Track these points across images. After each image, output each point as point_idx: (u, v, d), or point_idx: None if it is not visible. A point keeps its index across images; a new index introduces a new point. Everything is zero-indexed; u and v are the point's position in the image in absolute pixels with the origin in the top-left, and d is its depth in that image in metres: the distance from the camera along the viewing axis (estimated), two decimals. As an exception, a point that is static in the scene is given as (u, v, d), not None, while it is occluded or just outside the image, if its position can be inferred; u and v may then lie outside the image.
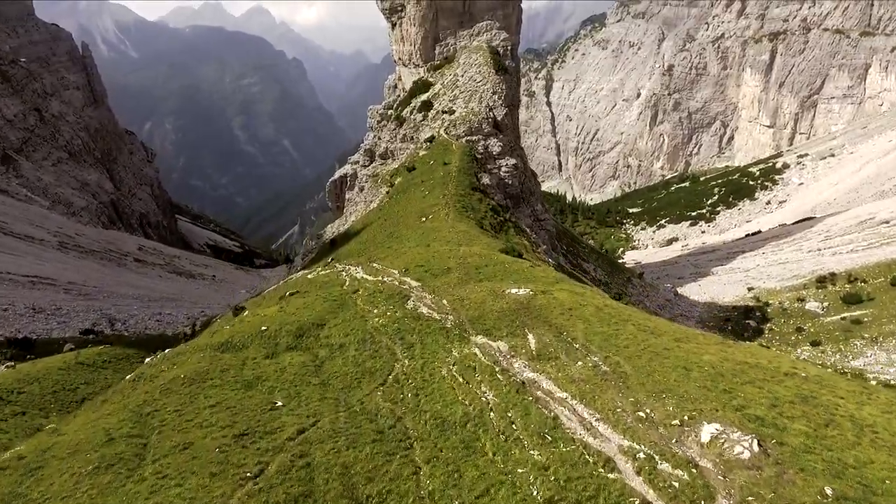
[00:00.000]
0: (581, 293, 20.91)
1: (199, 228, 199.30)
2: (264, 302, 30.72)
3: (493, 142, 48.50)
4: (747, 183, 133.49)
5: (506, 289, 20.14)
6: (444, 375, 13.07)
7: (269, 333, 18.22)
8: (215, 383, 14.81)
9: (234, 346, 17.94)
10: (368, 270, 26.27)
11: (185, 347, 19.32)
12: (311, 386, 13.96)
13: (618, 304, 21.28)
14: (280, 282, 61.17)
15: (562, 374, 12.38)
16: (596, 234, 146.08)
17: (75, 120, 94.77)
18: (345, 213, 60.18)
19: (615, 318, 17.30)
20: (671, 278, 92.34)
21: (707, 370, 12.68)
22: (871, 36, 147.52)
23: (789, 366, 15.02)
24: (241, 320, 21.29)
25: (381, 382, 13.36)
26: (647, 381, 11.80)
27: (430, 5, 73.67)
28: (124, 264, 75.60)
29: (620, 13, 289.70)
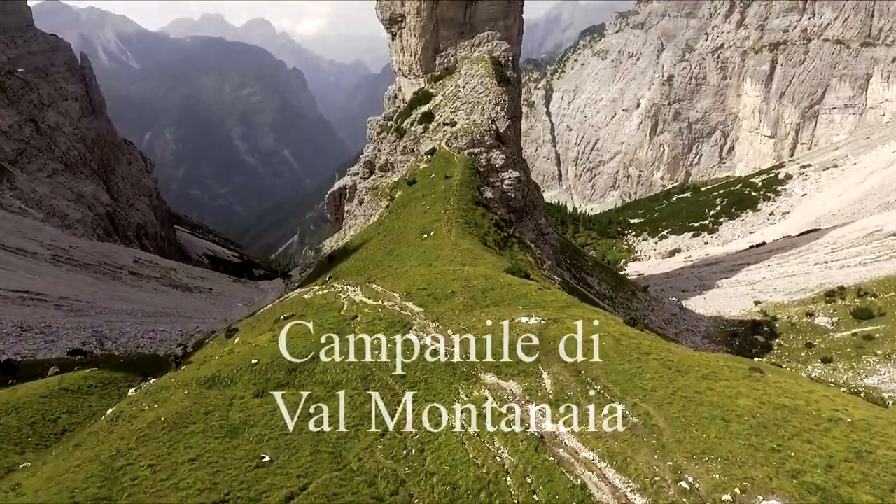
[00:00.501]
0: (595, 321, 19.53)
1: (198, 239, 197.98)
2: (258, 324, 29.31)
3: (496, 154, 47.35)
4: (750, 194, 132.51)
5: (515, 316, 18.77)
6: (451, 425, 11.66)
7: (259, 367, 16.81)
8: (198, 429, 13.38)
9: (222, 382, 16.53)
10: (368, 293, 24.91)
11: (170, 381, 17.91)
12: (303, 434, 12.53)
13: (635, 332, 19.88)
14: (276, 299, 59.75)
15: (585, 426, 10.99)
16: (597, 245, 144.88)
17: (72, 131, 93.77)
18: (344, 227, 58.91)
19: (635, 351, 15.91)
20: (675, 291, 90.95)
21: (748, 421, 11.29)
22: (872, 46, 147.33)
23: (830, 408, 13.64)
24: (230, 350, 19.86)
25: (382, 432, 11.95)
26: (684, 437, 10.41)
27: (431, 16, 72.95)
28: (119, 277, 74.18)
29: (619, 24, 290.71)
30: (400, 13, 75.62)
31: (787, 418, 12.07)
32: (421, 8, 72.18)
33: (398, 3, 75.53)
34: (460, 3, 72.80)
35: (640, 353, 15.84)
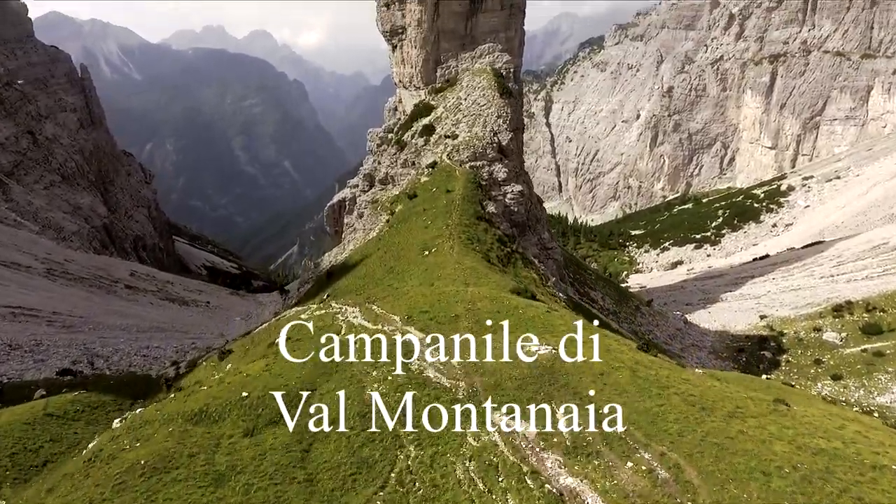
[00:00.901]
0: (608, 348, 18.41)
1: (197, 250, 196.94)
2: (252, 346, 28.15)
3: (498, 167, 46.45)
4: (752, 205, 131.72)
5: (524, 345, 17.61)
6: (459, 478, 10.52)
7: (250, 401, 15.65)
8: (180, 475, 12.21)
9: (210, 417, 15.36)
10: (367, 314, 23.79)
11: (155, 414, 16.72)
12: (294, 484, 11.37)
13: (650, 359, 18.72)
14: (273, 316, 58.53)
15: (609, 481, 9.85)
16: (599, 257, 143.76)
17: (70, 142, 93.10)
18: (343, 241, 57.87)
19: (654, 384, 14.76)
20: (679, 304, 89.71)
21: (789, 474, 10.14)
22: (872, 58, 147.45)
23: (869, 450, 12.49)
24: (220, 380, 18.66)
25: (382, 484, 10.80)
26: (722, 497, 9.26)
27: (432, 28, 72.50)
28: (114, 291, 72.99)
29: (618, 36, 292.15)
30: (401, 25, 75.21)
31: (829, 468, 10.92)
32: (422, 20, 71.75)
33: (399, 14, 75.15)
34: (461, 15, 72.40)
35: (660, 386, 14.71)
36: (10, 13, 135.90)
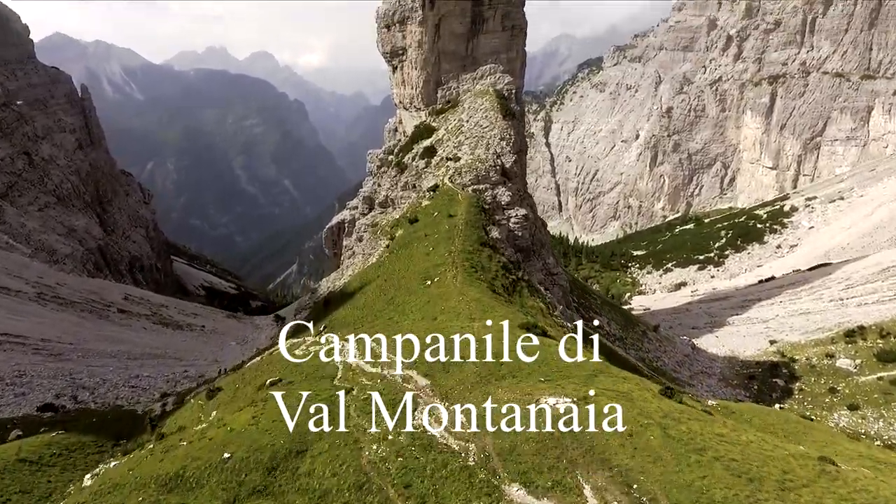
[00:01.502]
0: (631, 397, 16.69)
1: (196, 270, 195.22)
2: (241, 386, 26.32)
3: (502, 191, 45.10)
4: (755, 226, 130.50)
5: (538, 395, 15.87)
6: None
7: (232, 465, 13.85)
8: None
9: (186, 483, 13.56)
10: (365, 355, 22.04)
11: (128, 476, 14.88)
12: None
13: (678, 410, 16.98)
14: (269, 340, 56.63)
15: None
16: (601, 278, 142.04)
17: (66, 163, 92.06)
18: (342, 265, 56.25)
19: (690, 448, 13.02)
20: (685, 328, 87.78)
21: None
22: (872, 79, 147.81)
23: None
24: (201, 434, 16.83)
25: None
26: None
27: (433, 49, 71.98)
28: (106, 316, 71.06)
29: (617, 57, 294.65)
30: (401, 46, 74.73)
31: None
32: (422, 41, 71.25)
33: (399, 36, 74.73)
34: (462, 37, 71.96)
35: (696, 449, 12.98)
36: (12, 34, 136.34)
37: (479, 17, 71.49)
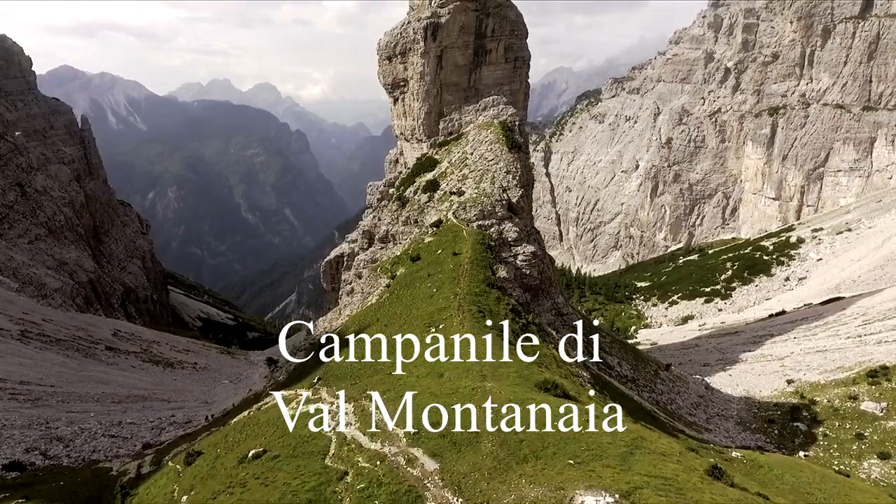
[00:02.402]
0: (679, 487, 13.97)
1: (192, 301, 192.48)
2: (224, 451, 23.39)
3: (509, 226, 42.90)
4: (761, 258, 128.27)
5: (571, 489, 13.14)
6: None
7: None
8: None
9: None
10: (363, 422, 19.29)
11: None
12: None
13: (735, 498, 14.28)
14: (264, 380, 53.57)
15: None
16: (605, 311, 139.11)
17: (60, 195, 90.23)
18: (340, 304, 53.60)
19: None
20: (695, 365, 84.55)
21: None
22: (874, 111, 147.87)
23: None
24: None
25: None
26: None
27: (435, 81, 70.97)
28: (93, 354, 67.95)
29: (615, 89, 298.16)
30: (402, 78, 73.79)
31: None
32: (424, 73, 70.29)
33: (400, 67, 73.87)
34: (465, 68, 71.05)
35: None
36: (14, 67, 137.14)
37: (481, 49, 70.73)
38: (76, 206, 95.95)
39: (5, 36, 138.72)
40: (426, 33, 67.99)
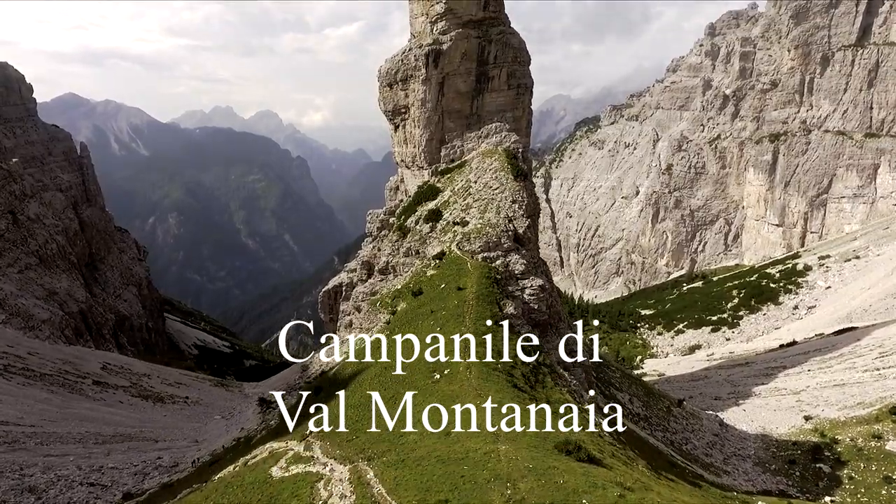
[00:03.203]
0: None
1: (189, 328, 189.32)
2: (207, 501, 20.87)
3: (515, 258, 40.78)
4: (768, 285, 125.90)
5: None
6: None
7: None
8: None
9: None
10: (360, 495, 16.78)
11: None
12: None
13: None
14: (256, 419, 50.66)
15: None
16: (609, 340, 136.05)
17: (53, 222, 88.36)
18: (339, 334, 51.06)
19: None
20: (706, 398, 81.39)
21: None
22: (877, 137, 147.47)
23: None
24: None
25: None
26: None
27: (436, 107, 69.81)
28: (79, 389, 64.98)
29: (613, 116, 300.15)
30: (403, 105, 72.68)
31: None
32: (426, 99, 69.18)
33: (401, 94, 72.83)
34: (467, 95, 69.97)
35: None
36: (14, 94, 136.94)
37: (483, 76, 69.76)
38: (70, 234, 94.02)
39: (7, 64, 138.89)
40: (427, 60, 67.08)
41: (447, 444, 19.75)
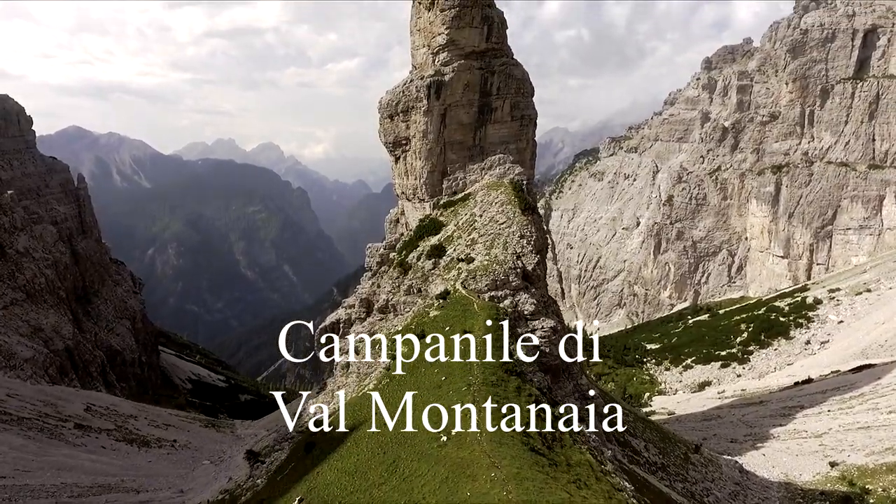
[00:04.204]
0: None
1: (184, 361, 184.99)
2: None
3: (524, 298, 38.16)
4: (777, 319, 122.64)
5: None
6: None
7: None
8: None
9: None
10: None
11: None
12: None
13: None
14: (244, 470, 46.96)
15: None
16: (615, 375, 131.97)
17: (43, 256, 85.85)
18: (334, 381, 47.91)
19: None
20: (722, 441, 77.33)
21: None
22: (880, 168, 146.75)
23: None
24: None
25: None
26: None
27: (438, 139, 68.21)
28: (59, 434, 61.13)
29: (612, 148, 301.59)
30: (404, 136, 71.13)
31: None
32: (427, 131, 67.63)
33: (402, 126, 71.37)
34: (469, 126, 68.50)
35: None
36: (13, 126, 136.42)
37: (486, 107, 68.43)
38: (60, 268, 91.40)
39: (7, 97, 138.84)
40: (429, 91, 65.82)
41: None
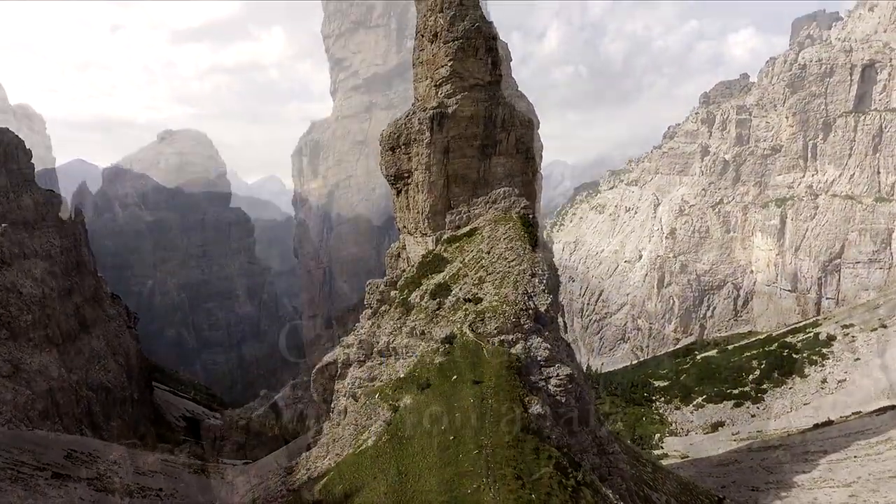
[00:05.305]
0: None
1: (178, 398, 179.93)
2: None
3: (538, 342, 35.17)
4: (790, 356, 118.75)
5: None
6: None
7: None
8: None
9: None
10: None
11: None
12: None
13: None
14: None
15: None
16: (624, 415, 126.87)
17: (30, 292, 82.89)
18: (328, 432, 44.25)
19: None
20: (742, 490, 72.73)
21: None
22: (888, 202, 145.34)
23: None
24: None
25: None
26: None
27: (441, 172, 66.10)
28: (34, 485, 56.82)
29: (613, 181, 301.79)
30: (406, 169, 69.09)
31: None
32: (430, 164, 65.58)
33: (404, 158, 69.44)
34: (473, 159, 66.46)
35: None
36: (12, 160, 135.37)
37: (490, 140, 66.58)
38: (48, 303, 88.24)
39: (7, 129, 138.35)
40: (432, 123, 64.09)
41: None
